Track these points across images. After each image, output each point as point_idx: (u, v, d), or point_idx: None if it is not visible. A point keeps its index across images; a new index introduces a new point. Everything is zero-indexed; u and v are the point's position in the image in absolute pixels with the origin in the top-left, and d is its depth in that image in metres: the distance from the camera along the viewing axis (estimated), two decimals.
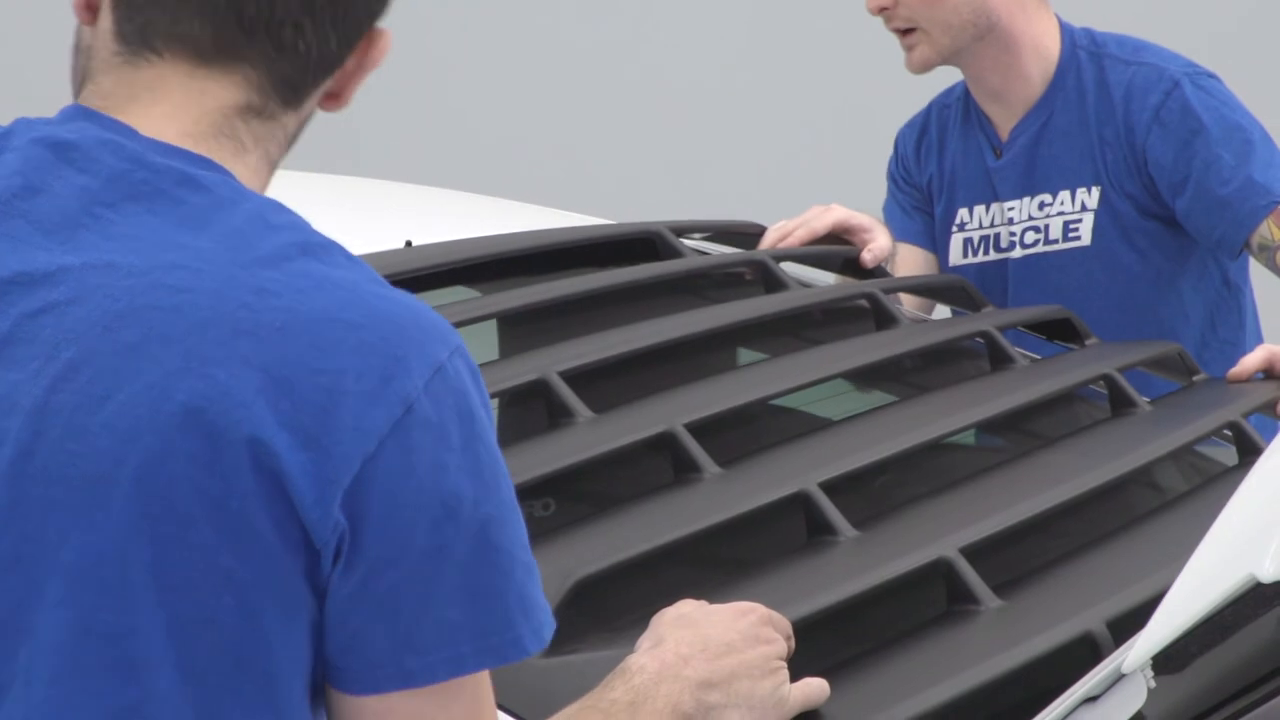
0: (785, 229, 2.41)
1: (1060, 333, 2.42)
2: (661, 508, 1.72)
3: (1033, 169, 2.60)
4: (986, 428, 2.10)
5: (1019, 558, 1.76)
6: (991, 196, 2.64)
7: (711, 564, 1.69)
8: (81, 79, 1.30)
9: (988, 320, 2.27)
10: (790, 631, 1.51)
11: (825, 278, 2.48)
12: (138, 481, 1.17)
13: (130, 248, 1.21)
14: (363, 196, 2.64)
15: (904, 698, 1.50)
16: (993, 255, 2.65)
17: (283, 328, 1.19)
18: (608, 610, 1.58)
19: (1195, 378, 2.33)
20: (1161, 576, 1.43)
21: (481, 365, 1.90)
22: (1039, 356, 2.32)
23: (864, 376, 2.15)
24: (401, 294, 1.24)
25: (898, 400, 2.10)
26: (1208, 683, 1.63)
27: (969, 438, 2.11)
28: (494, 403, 1.94)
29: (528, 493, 1.74)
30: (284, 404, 1.17)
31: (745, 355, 2.17)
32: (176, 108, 1.26)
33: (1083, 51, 2.59)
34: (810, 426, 1.97)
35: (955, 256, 2.67)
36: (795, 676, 1.48)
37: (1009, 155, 2.61)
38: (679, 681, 1.43)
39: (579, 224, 2.43)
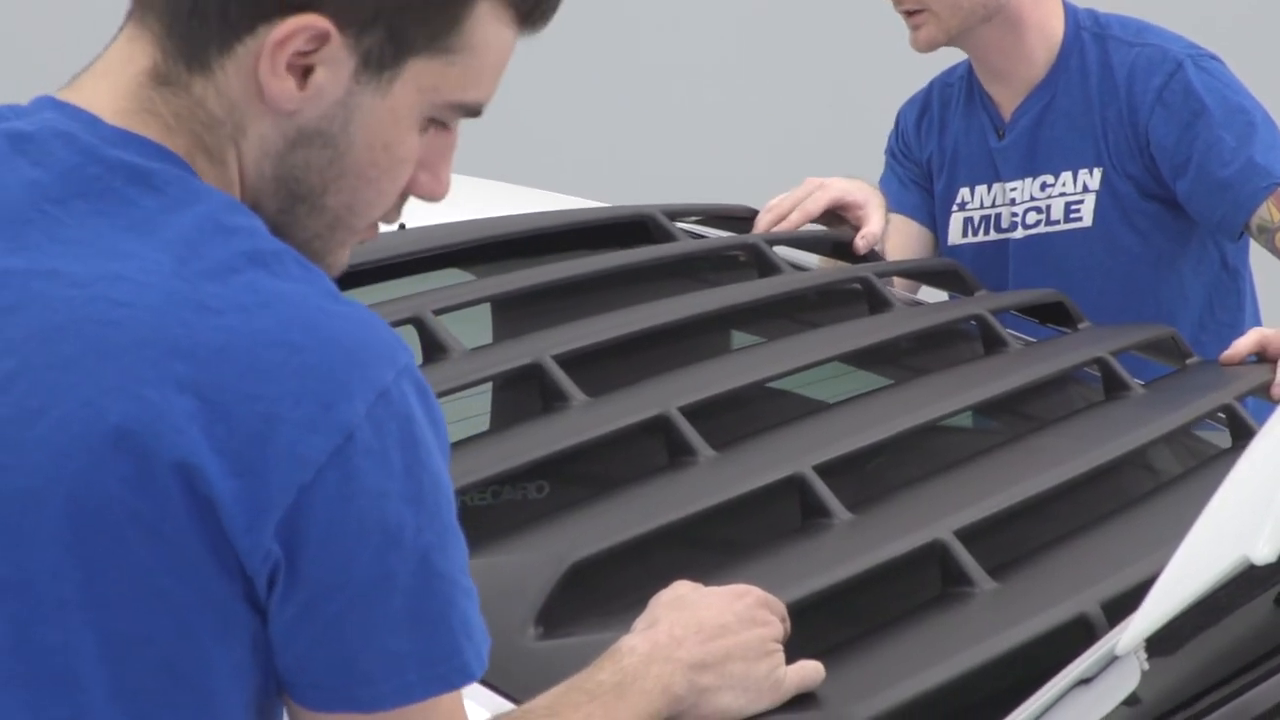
0: (780, 210, 2.42)
1: (1054, 316, 2.43)
2: (656, 491, 1.73)
3: (1035, 150, 2.61)
4: (981, 411, 2.11)
5: (1013, 540, 1.76)
6: (993, 176, 2.65)
7: (706, 547, 1.69)
8: None
9: (981, 304, 2.28)
10: (785, 614, 1.52)
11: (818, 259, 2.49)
12: (70, 500, 1.15)
13: (76, 254, 1.18)
14: None
15: (899, 680, 1.50)
16: (993, 235, 2.65)
17: (222, 349, 1.15)
18: (602, 593, 1.59)
19: (1189, 361, 2.34)
20: (1156, 559, 1.44)
21: (476, 349, 1.92)
22: (1033, 340, 2.33)
23: (858, 360, 2.16)
24: (353, 308, 1.19)
25: (892, 384, 2.10)
26: (1201, 665, 1.64)
27: (964, 420, 2.12)
28: (489, 387, 1.97)
29: (522, 476, 1.75)
30: (218, 429, 1.15)
31: (739, 339, 2.18)
32: (113, 80, 1.23)
33: (1086, 32, 2.60)
34: (804, 410, 1.98)
35: (954, 235, 2.68)
36: (790, 659, 1.49)
37: (1012, 136, 2.62)
38: (670, 663, 1.43)
39: (572, 206, 2.43)
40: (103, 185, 1.20)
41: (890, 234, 2.57)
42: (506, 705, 1.42)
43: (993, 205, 2.65)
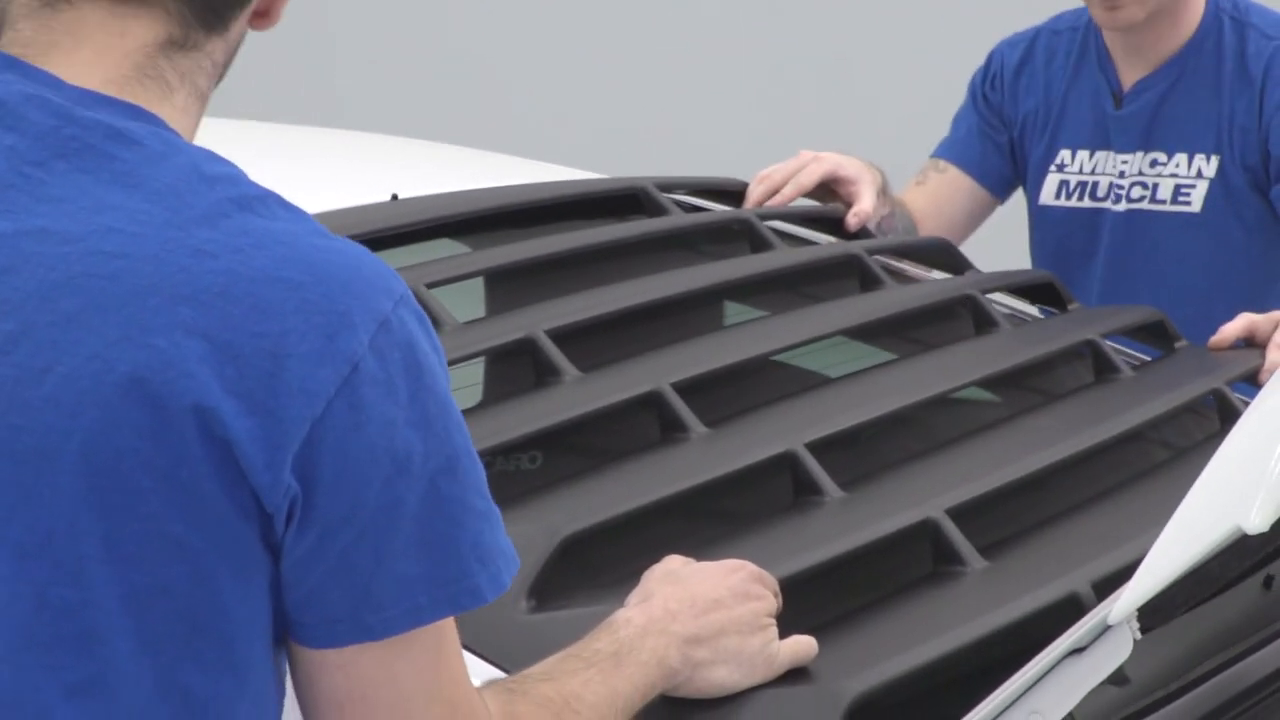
0: (773, 181, 2.45)
1: (1043, 296, 2.47)
2: (648, 467, 1.77)
3: (1154, 126, 2.64)
4: (971, 395, 2.15)
5: (1005, 520, 1.80)
6: (1102, 144, 2.67)
7: (697, 523, 1.72)
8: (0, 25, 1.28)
9: (972, 283, 2.31)
10: (778, 589, 1.56)
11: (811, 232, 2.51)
12: (84, 455, 1.19)
13: (63, 211, 1.21)
14: (348, 149, 2.66)
15: (890, 656, 1.54)
16: (1087, 203, 2.68)
17: (223, 291, 1.19)
18: (594, 567, 1.62)
19: (1177, 345, 2.38)
20: (1147, 540, 1.46)
21: (469, 323, 1.95)
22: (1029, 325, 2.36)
23: (850, 337, 2.19)
24: (344, 244, 1.25)
25: (884, 362, 2.13)
26: (1190, 650, 1.69)
27: (958, 399, 2.15)
28: (481, 361, 2.00)
29: (514, 450, 1.78)
30: (229, 370, 1.19)
31: (731, 315, 2.22)
32: (98, 52, 1.25)
33: (1226, 16, 2.63)
34: (797, 386, 2.01)
35: (1047, 196, 2.71)
36: (782, 635, 1.53)
37: (1132, 107, 2.65)
38: (665, 636, 1.47)
39: (565, 177, 2.45)
40: (80, 144, 1.23)
41: (931, 183, 2.57)
42: (499, 676, 1.45)
43: (1093, 172, 2.67)
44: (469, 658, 1.45)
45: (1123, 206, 2.66)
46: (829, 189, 2.50)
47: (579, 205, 2.28)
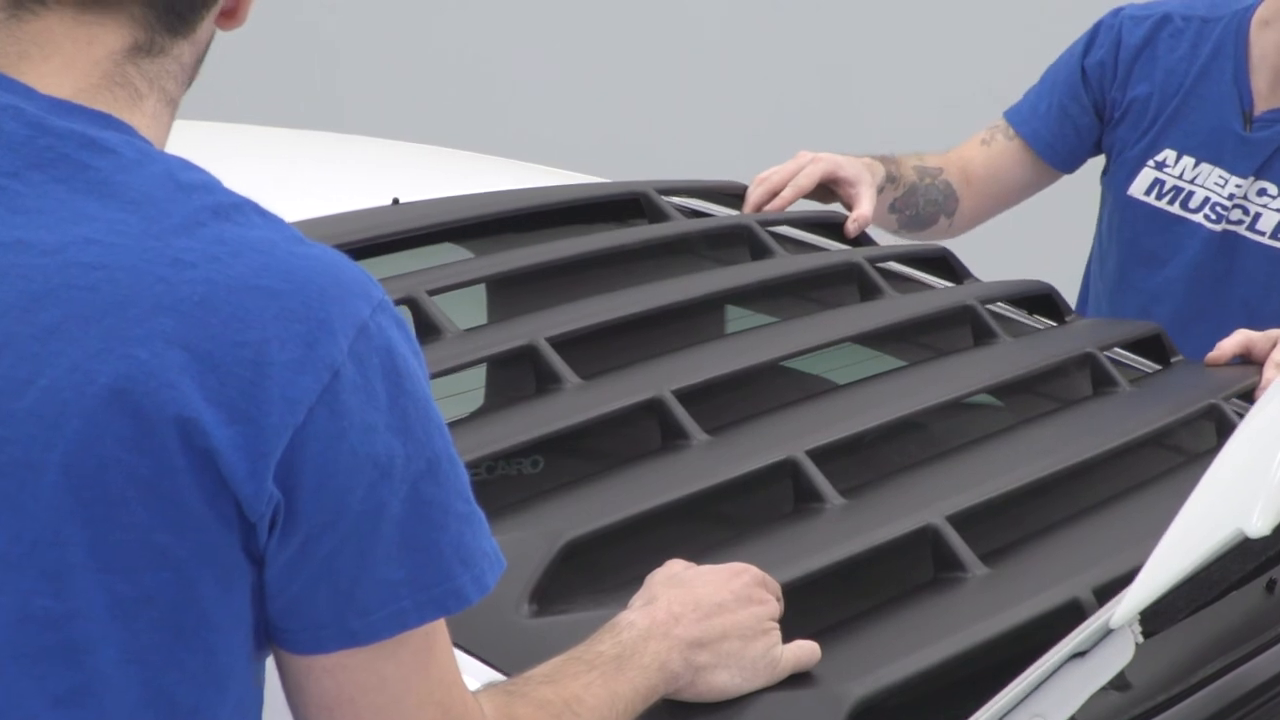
0: (772, 184, 2.46)
1: (1041, 308, 2.50)
2: (649, 473, 1.79)
3: (1276, 156, 2.64)
4: (973, 400, 2.17)
5: (1005, 527, 1.83)
6: (1213, 158, 2.67)
7: (699, 529, 1.75)
8: None
9: (970, 293, 2.33)
10: (780, 593, 1.58)
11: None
12: (67, 466, 1.20)
13: (40, 223, 1.22)
14: (349, 154, 2.68)
15: (892, 660, 1.56)
16: (1176, 209, 2.69)
17: (202, 301, 1.21)
18: (596, 572, 1.64)
19: (1174, 359, 2.40)
20: (1148, 547, 1.48)
21: (470, 330, 1.97)
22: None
23: (850, 346, 2.21)
24: (321, 250, 1.26)
25: (884, 371, 2.15)
26: (1193, 653, 1.71)
27: (956, 408, 2.18)
28: (483, 369, 2.02)
29: (514, 457, 1.81)
30: (210, 380, 1.20)
31: (732, 323, 2.24)
32: (67, 62, 1.27)
33: None
34: (797, 393, 2.03)
35: (1138, 189, 2.70)
36: (783, 640, 1.54)
37: (1264, 133, 2.65)
38: (668, 640, 1.49)
39: (566, 182, 2.47)
40: (55, 154, 1.25)
41: (996, 147, 2.58)
42: (500, 680, 1.47)
43: (1192, 182, 2.67)
44: (472, 662, 1.48)
45: (1220, 227, 2.67)
46: (828, 189, 2.52)
47: (581, 210, 2.30)
